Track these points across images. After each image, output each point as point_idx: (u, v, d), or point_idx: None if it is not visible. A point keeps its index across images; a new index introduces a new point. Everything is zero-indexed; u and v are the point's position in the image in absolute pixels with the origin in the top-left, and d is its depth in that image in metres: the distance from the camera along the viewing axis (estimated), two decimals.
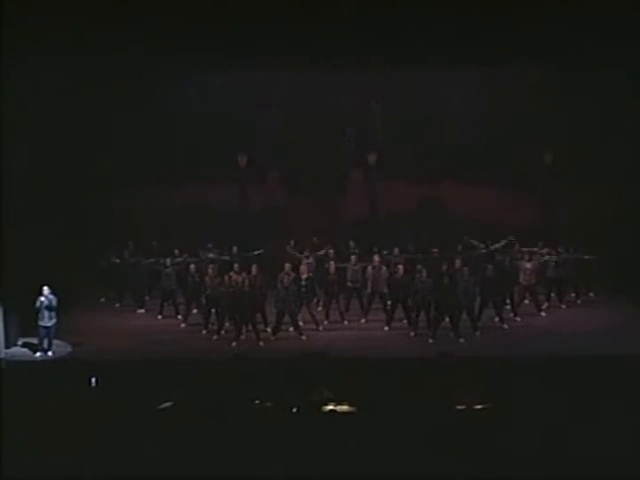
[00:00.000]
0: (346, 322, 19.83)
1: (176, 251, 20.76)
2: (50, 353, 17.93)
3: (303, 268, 19.75)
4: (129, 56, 18.53)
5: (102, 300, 21.48)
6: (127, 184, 22.54)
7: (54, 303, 17.78)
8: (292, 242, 21.46)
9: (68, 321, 19.43)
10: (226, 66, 20.39)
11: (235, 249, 21.06)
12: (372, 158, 23.43)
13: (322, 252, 20.84)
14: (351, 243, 21.24)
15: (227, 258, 20.63)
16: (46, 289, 17.75)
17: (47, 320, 17.77)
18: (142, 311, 20.84)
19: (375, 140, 23.49)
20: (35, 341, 18.16)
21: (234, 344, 18.45)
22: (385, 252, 20.55)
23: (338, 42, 18.17)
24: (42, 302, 17.70)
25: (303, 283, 19.26)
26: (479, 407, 13.93)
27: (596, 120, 21.33)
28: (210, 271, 19.36)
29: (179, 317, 20.18)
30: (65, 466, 11.74)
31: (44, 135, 19.18)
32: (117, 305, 21.22)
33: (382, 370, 15.74)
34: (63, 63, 18.60)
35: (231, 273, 19.20)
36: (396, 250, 20.55)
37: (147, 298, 21.27)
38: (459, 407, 14.00)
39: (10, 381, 15.20)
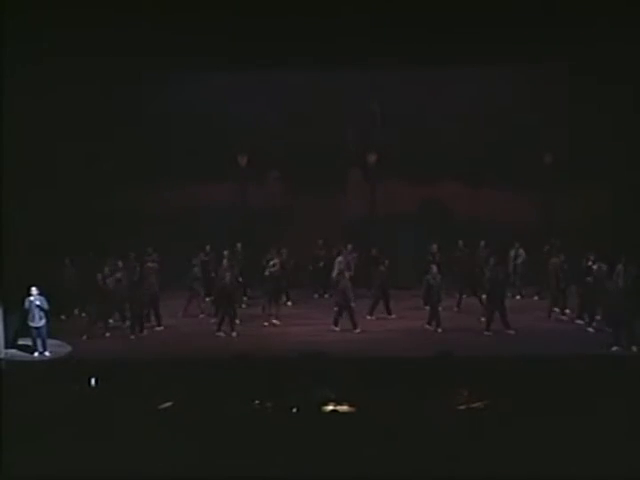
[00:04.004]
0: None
1: (207, 247, 21.45)
2: (47, 353, 17.91)
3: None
4: (130, 56, 18.65)
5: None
6: (127, 185, 22.59)
7: (44, 304, 17.76)
8: (320, 242, 21.99)
9: (67, 321, 19.48)
10: (227, 66, 20.47)
11: (239, 246, 21.40)
12: (372, 158, 23.47)
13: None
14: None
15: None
16: (34, 290, 17.74)
17: (37, 320, 17.76)
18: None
19: (375, 140, 23.51)
20: (26, 342, 18.22)
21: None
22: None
23: (338, 42, 18.29)
24: (31, 302, 17.69)
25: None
26: (479, 407, 13.96)
27: (596, 120, 21.32)
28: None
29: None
30: (65, 466, 11.68)
31: (45, 136, 19.27)
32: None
33: (382, 370, 15.72)
34: (63, 63, 18.69)
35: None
36: (434, 247, 21.10)
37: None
38: (459, 407, 14.02)
39: (10, 381, 15.20)
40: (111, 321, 19.86)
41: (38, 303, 17.68)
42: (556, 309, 20.26)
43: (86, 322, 19.36)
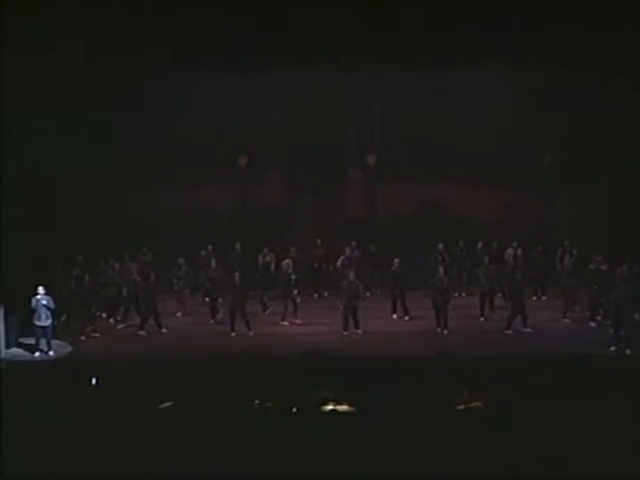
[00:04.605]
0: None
1: (209, 247, 21.38)
2: (51, 353, 17.96)
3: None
4: (130, 55, 18.57)
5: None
6: (127, 185, 22.59)
7: (50, 303, 17.83)
8: (319, 242, 22.10)
9: (69, 321, 19.53)
10: (227, 66, 20.40)
11: (238, 246, 21.52)
12: (371, 158, 23.53)
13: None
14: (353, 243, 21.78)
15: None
16: (41, 289, 17.80)
17: (44, 320, 17.80)
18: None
19: (374, 141, 23.57)
20: (30, 341, 18.24)
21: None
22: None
23: (338, 43, 18.27)
24: (38, 301, 17.74)
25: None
26: (478, 406, 13.99)
27: (595, 120, 21.45)
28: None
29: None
30: (65, 466, 11.79)
31: (46, 136, 19.21)
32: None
33: (382, 370, 15.86)
34: (64, 64, 18.63)
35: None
36: (440, 246, 21.23)
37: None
38: (458, 407, 14.06)
39: (11, 381, 15.27)
40: (111, 320, 20.08)
41: (45, 302, 17.76)
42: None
43: (82, 322, 19.48)
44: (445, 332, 19.04)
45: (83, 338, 18.96)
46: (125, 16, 17.25)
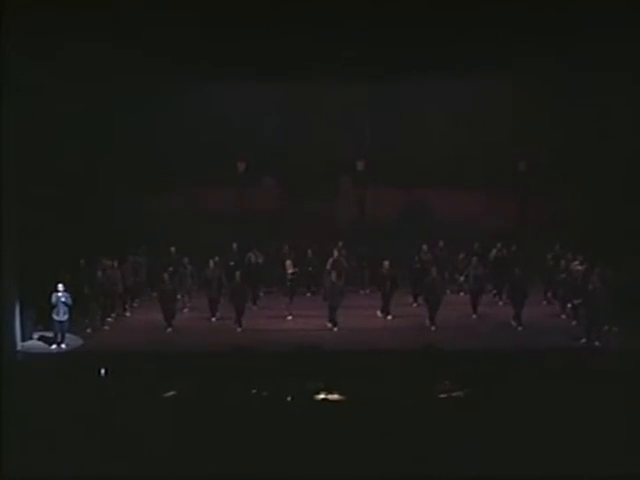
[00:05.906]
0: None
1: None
2: (63, 345, 18.85)
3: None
4: (132, 62, 18.85)
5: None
6: (128, 188, 23.11)
7: (68, 300, 18.78)
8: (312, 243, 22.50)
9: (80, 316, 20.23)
10: (226, 75, 20.93)
11: (235, 246, 22.08)
12: (360, 164, 24.14)
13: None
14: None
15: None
16: (61, 286, 18.72)
17: (62, 315, 18.78)
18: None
19: (363, 147, 24.18)
20: (49, 334, 19.04)
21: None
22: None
23: (333, 53, 18.85)
24: (58, 298, 18.70)
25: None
26: (459, 395, 14.73)
27: (575, 125, 22.16)
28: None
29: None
30: (72, 459, 12.28)
31: (47, 139, 19.59)
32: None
33: (373, 362, 16.53)
34: (65, 66, 18.90)
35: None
36: (425, 247, 21.72)
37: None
38: (441, 395, 14.81)
39: (26, 372, 16.22)
40: (111, 317, 20.81)
41: (63, 299, 18.74)
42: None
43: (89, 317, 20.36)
44: (433, 328, 19.67)
45: (89, 331, 19.81)
46: (128, 19, 17.28)
